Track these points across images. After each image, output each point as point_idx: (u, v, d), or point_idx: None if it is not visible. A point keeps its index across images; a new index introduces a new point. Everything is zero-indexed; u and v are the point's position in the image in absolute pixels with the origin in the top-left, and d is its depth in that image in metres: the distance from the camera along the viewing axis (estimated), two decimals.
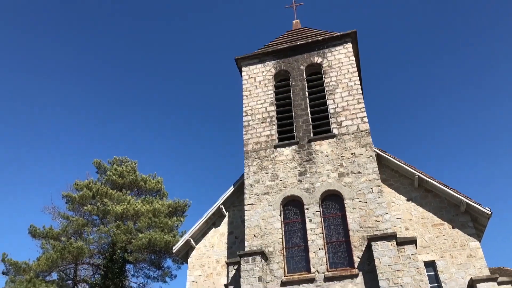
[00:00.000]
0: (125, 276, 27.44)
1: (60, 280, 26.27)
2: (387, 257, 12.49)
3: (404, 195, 15.18)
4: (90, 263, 28.15)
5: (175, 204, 28.56)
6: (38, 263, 23.57)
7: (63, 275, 27.23)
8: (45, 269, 23.85)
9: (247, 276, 13.52)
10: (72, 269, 27.64)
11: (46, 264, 23.36)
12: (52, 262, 23.49)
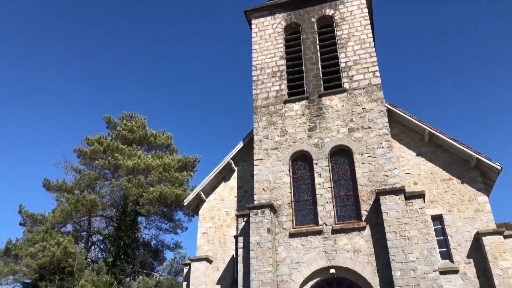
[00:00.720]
0: (137, 228, 28.28)
1: (75, 231, 27.15)
2: (395, 210, 12.65)
3: (413, 150, 15.15)
4: (103, 216, 28.96)
5: (185, 159, 28.86)
6: (54, 215, 24.30)
7: (78, 227, 28.13)
8: (60, 220, 24.61)
9: (256, 228, 13.84)
10: (86, 221, 28.50)
11: (61, 216, 24.08)
12: (66, 214, 24.20)
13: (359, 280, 12.67)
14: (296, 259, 13.37)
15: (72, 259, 22.20)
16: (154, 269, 29.02)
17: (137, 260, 27.52)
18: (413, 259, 11.89)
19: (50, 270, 22.50)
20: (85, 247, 27.29)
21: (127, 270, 25.82)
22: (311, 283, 13.13)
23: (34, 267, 21.73)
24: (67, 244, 22.01)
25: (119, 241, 25.91)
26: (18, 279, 22.92)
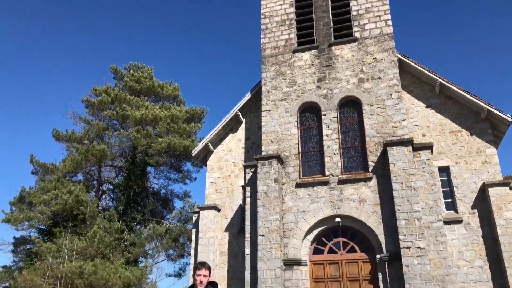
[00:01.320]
0: (146, 178, 28.81)
1: (86, 180, 27.74)
2: (402, 161, 12.69)
3: (423, 102, 14.96)
4: (112, 165, 29.45)
5: (192, 110, 28.83)
6: (64, 164, 24.74)
7: (88, 176, 28.71)
8: (71, 170, 25.09)
9: (263, 178, 14.03)
10: (96, 170, 29.03)
11: (71, 166, 24.52)
12: (77, 164, 24.62)
13: (364, 229, 12.96)
14: (302, 208, 13.63)
15: (84, 206, 22.84)
16: (163, 217, 29.83)
17: (147, 209, 28.25)
18: (418, 209, 12.08)
19: (63, 217, 23.23)
20: (96, 196, 27.98)
21: (137, 218, 26.59)
22: (316, 231, 13.47)
23: (48, 214, 22.43)
24: (78, 193, 22.56)
25: (129, 190, 26.48)
26: (33, 225, 23.74)
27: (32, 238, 23.82)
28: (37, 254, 21.26)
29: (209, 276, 4.77)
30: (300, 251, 13.26)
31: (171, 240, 26.17)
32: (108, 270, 19.65)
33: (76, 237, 21.74)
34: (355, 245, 13.12)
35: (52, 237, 22.40)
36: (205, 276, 4.68)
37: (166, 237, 26.39)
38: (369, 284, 12.51)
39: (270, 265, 12.87)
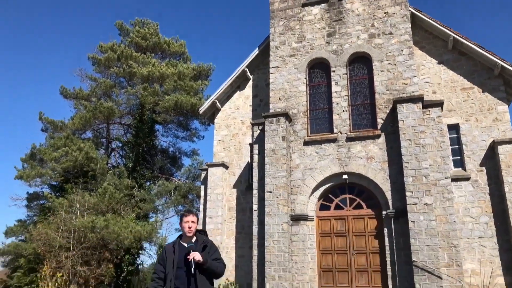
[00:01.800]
0: (154, 135, 28.96)
1: (95, 138, 27.98)
2: (411, 118, 12.57)
3: (435, 58, 14.60)
4: (121, 123, 29.58)
5: (199, 67, 28.50)
6: (73, 122, 24.88)
7: (97, 134, 28.93)
8: (80, 127, 25.25)
9: (271, 136, 14.03)
10: (105, 128, 29.21)
11: (80, 123, 24.66)
12: (85, 121, 24.75)
13: (371, 186, 13.05)
14: (310, 165, 13.70)
15: (94, 163, 23.17)
16: (172, 175, 30.25)
17: (156, 166, 28.60)
18: (426, 166, 12.09)
19: (74, 173, 23.62)
20: (105, 153, 28.31)
21: (146, 175, 26.97)
22: (323, 188, 13.60)
23: (59, 170, 22.81)
24: (88, 150, 22.82)
25: (138, 148, 26.71)
26: (45, 181, 24.22)
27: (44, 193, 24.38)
28: (50, 209, 21.81)
29: (197, 223, 4.46)
30: (307, 207, 13.45)
31: (180, 197, 26.65)
32: (119, 224, 20.17)
33: (87, 193, 22.19)
34: (362, 202, 13.27)
35: (64, 193, 22.89)
36: (193, 223, 4.37)
37: (175, 194, 26.86)
38: (374, 239, 12.74)
39: (277, 220, 13.11)
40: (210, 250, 4.33)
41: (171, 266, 4.22)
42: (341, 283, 12.71)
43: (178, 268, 4.20)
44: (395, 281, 11.96)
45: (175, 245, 4.34)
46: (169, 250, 4.32)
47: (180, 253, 4.26)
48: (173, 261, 4.23)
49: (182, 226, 4.38)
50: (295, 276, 12.92)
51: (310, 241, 13.20)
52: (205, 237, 4.46)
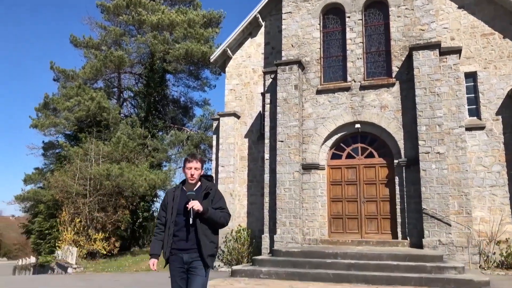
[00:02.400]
0: (165, 85, 28.89)
1: (106, 87, 28.04)
2: (427, 66, 12.26)
3: (455, 2, 13.95)
4: (131, 73, 29.46)
5: (210, 14, 27.83)
6: (84, 71, 24.86)
7: (108, 83, 28.94)
8: (91, 77, 25.25)
9: (283, 84, 13.86)
10: (116, 78, 29.17)
11: (91, 72, 24.63)
12: (96, 70, 24.69)
13: (383, 135, 12.99)
14: (322, 114, 13.61)
15: (106, 113, 23.35)
16: (184, 125, 30.46)
17: (168, 116, 28.76)
18: (440, 115, 11.92)
19: (87, 123, 23.91)
20: (118, 103, 28.45)
21: (159, 125, 27.20)
22: (335, 137, 13.58)
23: (73, 120, 23.08)
24: (100, 99, 22.92)
25: (149, 98, 26.75)
26: (59, 130, 24.62)
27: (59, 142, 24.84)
28: (65, 157, 22.32)
29: (201, 169, 4.05)
30: (318, 156, 13.51)
31: (192, 146, 26.96)
32: (134, 172, 20.63)
33: (101, 142, 22.55)
34: (374, 151, 13.26)
35: (78, 142, 23.30)
36: (196, 169, 3.95)
37: (188, 143, 27.17)
38: (385, 187, 12.85)
39: (288, 169, 13.24)
40: (214, 198, 3.95)
41: (170, 212, 3.92)
42: (351, 230, 12.99)
43: (178, 215, 3.89)
44: (404, 228, 12.18)
45: (176, 191, 4.02)
46: (170, 196, 4.01)
47: (181, 199, 3.94)
48: (173, 208, 3.93)
49: (184, 172, 4.01)
50: (306, 222, 13.22)
51: (321, 189, 13.38)
52: (209, 183, 4.05)
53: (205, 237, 3.80)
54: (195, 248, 3.80)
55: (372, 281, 8.85)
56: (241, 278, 9.94)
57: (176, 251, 3.83)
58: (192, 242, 3.80)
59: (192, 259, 3.81)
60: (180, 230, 3.83)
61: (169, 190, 4.10)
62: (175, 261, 3.85)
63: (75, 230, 18.90)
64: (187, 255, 3.81)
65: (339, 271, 9.44)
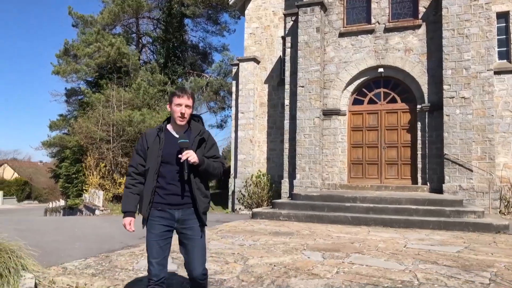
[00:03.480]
0: (184, 30, 28.42)
1: (125, 33, 27.75)
2: (457, 5, 11.63)
3: None
4: (150, 18, 28.98)
5: None
6: (102, 16, 24.56)
7: (127, 29, 28.60)
8: (110, 22, 24.96)
9: (304, 27, 13.44)
10: (134, 23, 28.77)
11: (109, 18, 24.32)
12: (114, 15, 24.36)
13: (407, 79, 12.64)
14: (345, 58, 13.26)
15: (126, 59, 23.28)
16: (203, 71, 30.23)
17: (187, 62, 28.51)
18: (467, 58, 11.47)
19: (107, 69, 23.96)
20: (137, 49, 28.26)
21: (178, 71, 27.06)
22: (357, 82, 13.30)
23: (93, 66, 23.15)
24: (119, 45, 22.78)
25: (168, 43, 26.44)
26: (80, 77, 24.81)
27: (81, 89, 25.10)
28: (88, 104, 22.63)
29: (193, 108, 3.22)
30: (339, 101, 13.33)
31: (212, 93, 26.91)
32: (155, 119, 20.85)
33: (122, 88, 22.68)
34: (396, 96, 12.99)
35: (100, 88, 23.50)
36: (187, 107, 3.12)
37: (207, 90, 27.11)
38: (407, 133, 12.70)
39: (309, 114, 13.15)
40: (207, 144, 3.20)
41: (154, 160, 3.08)
42: (370, 175, 13.04)
43: (164, 164, 3.08)
44: (424, 173, 12.15)
45: (160, 133, 3.15)
46: (151, 138, 3.15)
47: (167, 145, 3.11)
48: (157, 155, 3.08)
49: (172, 109, 3.14)
50: (325, 168, 13.31)
51: (341, 135, 13.32)
52: (201, 127, 3.27)
53: (199, 191, 3.12)
54: (190, 203, 3.11)
55: (390, 224, 8.98)
56: (261, 220, 10.22)
57: (165, 206, 3.08)
58: (187, 197, 3.10)
59: (186, 217, 3.11)
60: (170, 183, 3.08)
61: (148, 132, 3.22)
62: (161, 218, 3.08)
63: (100, 174, 19.52)
64: (179, 211, 3.10)
65: (358, 214, 9.59)
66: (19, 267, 4.07)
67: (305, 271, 4.85)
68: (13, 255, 4.08)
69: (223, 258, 5.53)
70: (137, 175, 3.15)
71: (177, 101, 3.09)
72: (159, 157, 3.06)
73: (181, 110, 3.08)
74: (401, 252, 6.01)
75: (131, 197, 3.13)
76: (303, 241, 6.91)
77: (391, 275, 4.65)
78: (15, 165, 58.70)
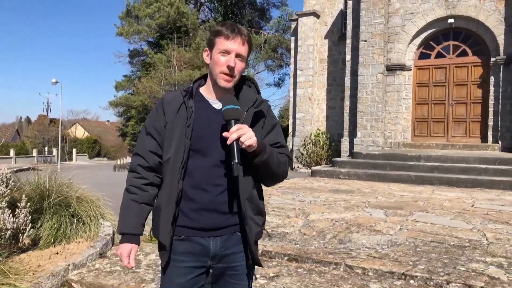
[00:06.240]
0: None
1: None
2: None
3: None
4: None
5: None
6: None
7: None
8: None
9: None
10: None
11: None
12: None
13: (480, 30, 11.70)
14: (411, 9, 12.47)
15: (185, 18, 23.49)
16: (261, 28, 29.82)
17: (245, 19, 28.21)
18: None
19: (168, 29, 24.36)
20: (195, 8, 28.34)
21: None
22: (424, 35, 12.53)
23: (154, 26, 23.63)
24: (178, 4, 22.97)
25: (226, 1, 26.23)
26: (142, 38, 25.45)
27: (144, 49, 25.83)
28: (150, 64, 23.32)
29: (247, 59, 1.77)
30: (404, 56, 12.68)
31: (270, 50, 26.63)
32: None
33: (182, 48, 23.05)
34: (467, 48, 12.10)
35: (161, 49, 24.06)
36: (240, 59, 1.69)
37: (265, 48, 26.84)
38: (477, 89, 11.91)
39: (371, 70, 12.67)
40: (266, 123, 1.77)
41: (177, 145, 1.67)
42: (436, 133, 12.49)
43: (194, 153, 1.67)
44: (496, 131, 11.42)
45: (188, 100, 1.71)
46: (172, 108, 1.73)
47: (200, 118, 1.70)
48: (183, 136, 1.67)
49: (213, 60, 1.70)
50: (388, 126, 12.91)
51: (406, 92, 12.75)
52: (257, 94, 1.81)
53: (250, 203, 1.70)
54: (236, 224, 1.71)
55: (456, 184, 8.65)
56: (320, 177, 10.24)
57: (193, 232, 1.68)
58: (231, 214, 1.69)
59: (228, 250, 1.71)
60: (203, 187, 1.66)
61: (169, 97, 1.77)
62: (187, 256, 1.69)
63: None
64: (217, 239, 1.69)
65: (421, 173, 9.31)
66: (98, 216, 4.42)
67: (367, 227, 4.84)
68: (92, 204, 4.43)
69: (284, 213, 5.65)
70: (148, 170, 1.74)
71: (224, 45, 1.66)
72: (187, 140, 1.65)
73: (229, 61, 1.65)
74: (468, 211, 5.81)
75: (134, 209, 1.73)
76: (364, 199, 6.87)
77: (457, 233, 4.53)
78: (85, 124, 62.48)
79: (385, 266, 3.49)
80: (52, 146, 39.75)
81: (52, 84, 27.97)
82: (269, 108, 1.81)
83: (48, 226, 3.97)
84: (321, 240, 4.38)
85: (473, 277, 3.22)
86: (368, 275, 3.42)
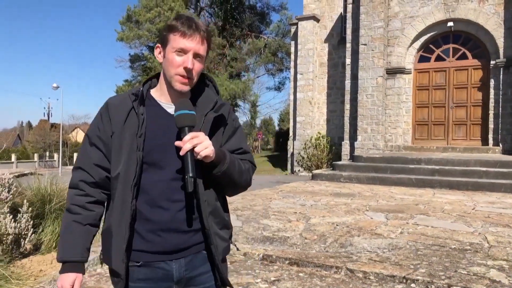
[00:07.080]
0: None
1: None
2: None
3: None
4: None
5: None
6: None
7: None
8: None
9: None
10: None
11: None
12: None
13: (480, 33, 11.73)
14: (411, 13, 12.51)
15: None
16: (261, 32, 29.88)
17: (245, 24, 28.30)
18: None
19: None
20: (195, 12, 28.41)
21: (236, 34, 27.02)
22: (424, 38, 12.56)
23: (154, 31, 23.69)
24: (178, 9, 23.04)
25: (226, 5, 26.32)
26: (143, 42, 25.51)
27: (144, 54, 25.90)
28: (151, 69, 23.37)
29: (205, 58, 1.49)
30: (404, 59, 12.71)
31: (270, 54, 26.69)
32: None
33: None
34: (467, 51, 12.13)
35: None
36: (198, 59, 1.42)
37: (265, 52, 26.90)
38: (478, 92, 11.92)
39: (371, 74, 12.70)
40: (227, 128, 1.53)
41: (127, 158, 1.40)
42: (436, 136, 12.50)
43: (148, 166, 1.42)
44: (496, 134, 11.43)
45: (137, 107, 1.44)
46: (119, 114, 1.45)
47: (153, 125, 1.43)
48: (133, 148, 1.40)
49: (167, 59, 1.43)
50: (388, 129, 12.92)
51: (406, 95, 12.78)
52: (216, 96, 1.55)
53: (214, 217, 1.48)
54: (200, 243, 1.48)
55: (457, 187, 8.64)
56: (321, 181, 10.24)
57: (151, 257, 1.44)
58: (193, 232, 1.46)
59: (193, 271, 1.48)
60: (159, 205, 1.42)
61: (115, 101, 1.50)
62: (146, 281, 1.46)
63: None
64: (181, 262, 1.46)
65: (422, 176, 9.31)
66: None
67: (368, 230, 4.85)
68: None
69: (285, 217, 5.66)
70: (93, 187, 1.47)
71: (179, 43, 1.40)
72: (139, 152, 1.40)
73: (185, 62, 1.40)
74: (469, 214, 5.81)
75: (77, 232, 1.45)
76: (365, 202, 6.87)
77: (458, 236, 4.53)
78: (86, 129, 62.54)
79: (386, 269, 3.49)
80: (53, 150, 39.81)
81: (53, 89, 28.05)
82: (230, 111, 1.56)
83: (50, 231, 3.98)
84: (322, 244, 4.38)
85: (475, 280, 3.22)
86: (369, 278, 3.42)
